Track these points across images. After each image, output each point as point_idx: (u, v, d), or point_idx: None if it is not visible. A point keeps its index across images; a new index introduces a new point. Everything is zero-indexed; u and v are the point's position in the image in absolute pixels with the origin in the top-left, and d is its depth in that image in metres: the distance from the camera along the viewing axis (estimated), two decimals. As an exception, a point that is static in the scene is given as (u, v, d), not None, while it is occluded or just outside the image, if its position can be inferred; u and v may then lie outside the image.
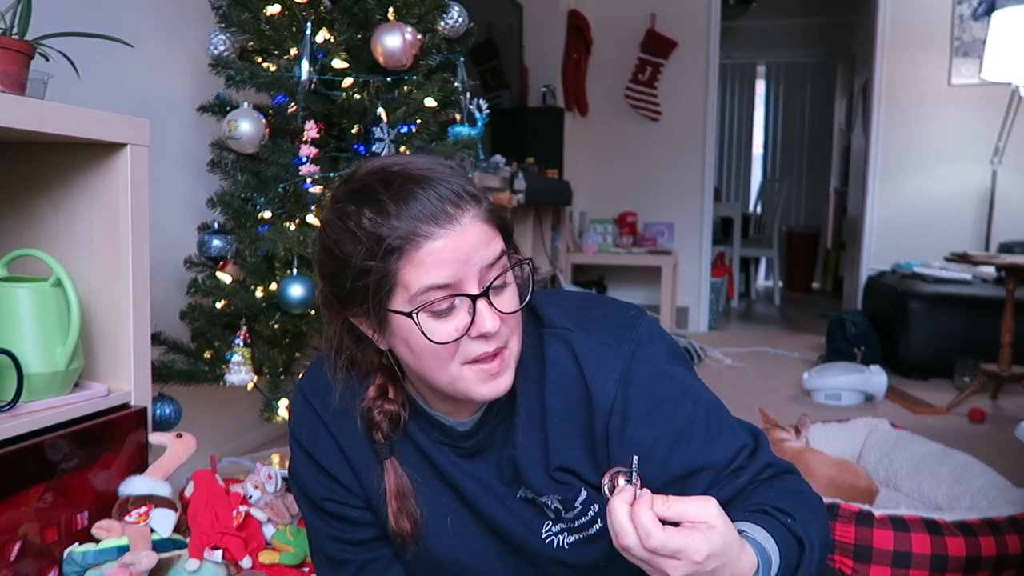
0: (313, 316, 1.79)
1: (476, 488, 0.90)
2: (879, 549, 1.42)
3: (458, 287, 0.75)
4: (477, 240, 0.75)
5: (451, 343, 0.76)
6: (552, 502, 0.88)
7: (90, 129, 1.23)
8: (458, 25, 1.89)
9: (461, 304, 0.76)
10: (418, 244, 0.73)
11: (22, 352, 1.18)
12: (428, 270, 0.73)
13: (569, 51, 4.98)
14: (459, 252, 0.74)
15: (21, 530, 1.13)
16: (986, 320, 3.43)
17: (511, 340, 0.80)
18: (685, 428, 0.83)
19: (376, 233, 0.73)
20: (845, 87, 7.57)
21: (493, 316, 0.76)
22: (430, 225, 0.73)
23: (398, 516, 0.88)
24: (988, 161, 4.35)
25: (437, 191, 0.74)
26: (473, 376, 0.79)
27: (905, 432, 2.11)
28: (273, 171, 1.78)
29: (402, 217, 0.73)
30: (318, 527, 0.95)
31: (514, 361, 0.81)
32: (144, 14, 1.98)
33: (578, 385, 0.84)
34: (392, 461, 0.89)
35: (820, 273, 7.84)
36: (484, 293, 0.76)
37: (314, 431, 0.92)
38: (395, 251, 0.73)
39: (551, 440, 0.86)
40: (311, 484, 0.93)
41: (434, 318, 0.75)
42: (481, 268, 0.75)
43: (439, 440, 0.90)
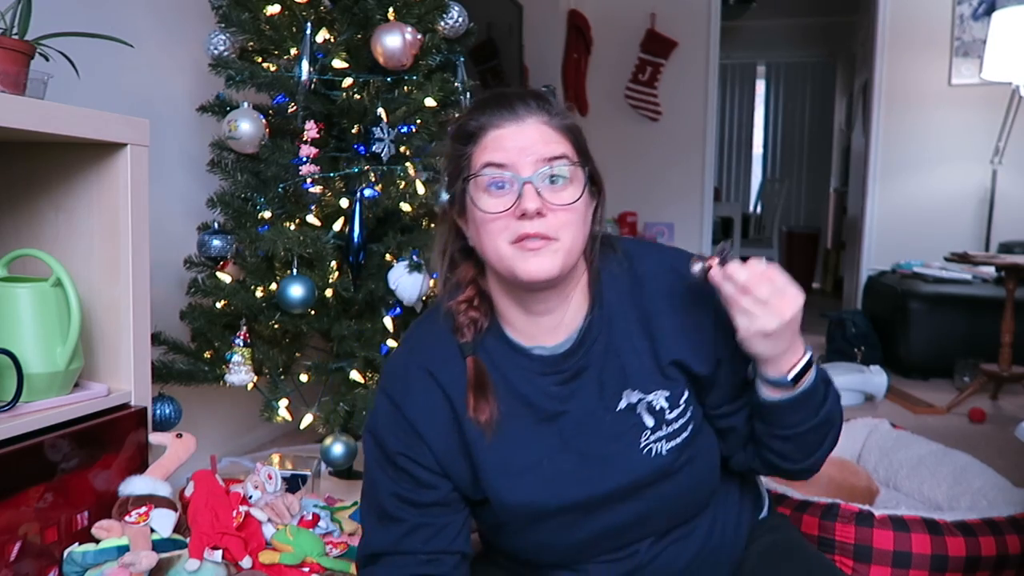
0: (313, 316, 1.79)
1: (578, 409, 0.97)
2: (879, 549, 1.42)
3: (511, 168, 0.90)
4: (535, 136, 0.91)
5: (499, 215, 0.89)
6: (658, 401, 0.96)
7: (90, 129, 1.23)
8: (458, 25, 1.89)
9: (512, 185, 0.90)
10: (487, 131, 0.92)
11: (22, 352, 1.18)
12: (490, 151, 0.91)
13: (569, 51, 4.98)
14: (517, 141, 0.91)
15: (21, 530, 1.13)
16: (986, 320, 3.43)
17: (563, 233, 0.90)
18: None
19: (463, 127, 0.95)
20: (845, 87, 7.57)
21: (535, 198, 0.88)
22: (499, 118, 0.92)
23: (476, 407, 0.95)
24: (988, 161, 4.35)
25: (518, 95, 0.94)
26: (516, 252, 0.90)
27: (905, 432, 2.11)
28: (273, 171, 1.78)
29: (483, 113, 0.93)
30: (383, 482, 1.00)
31: (565, 253, 0.91)
32: (144, 14, 1.98)
33: (680, 286, 0.97)
34: (474, 358, 0.97)
35: (820, 273, 7.83)
36: (530, 179, 0.89)
37: (410, 381, 0.99)
38: (471, 136, 0.93)
39: (659, 340, 0.97)
40: (389, 437, 0.99)
41: (488, 194, 0.91)
42: (537, 159, 0.90)
43: (539, 372, 0.97)
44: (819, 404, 0.93)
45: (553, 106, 0.94)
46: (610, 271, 0.99)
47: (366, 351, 1.78)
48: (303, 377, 1.86)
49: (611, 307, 0.98)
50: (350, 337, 1.78)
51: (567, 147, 0.92)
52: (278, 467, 1.84)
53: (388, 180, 1.82)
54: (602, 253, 1.00)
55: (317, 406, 1.86)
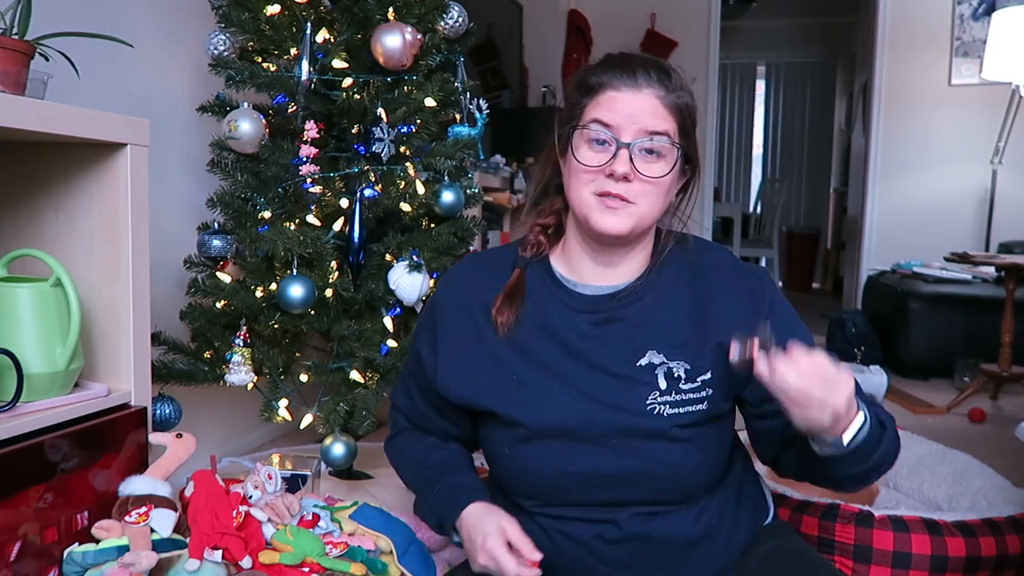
0: (313, 316, 1.79)
1: (600, 351, 1.03)
2: (879, 549, 1.42)
3: (615, 130, 0.97)
4: (646, 107, 0.97)
5: (591, 168, 0.98)
6: (678, 369, 1.02)
7: (90, 129, 1.23)
8: (458, 25, 1.88)
9: (611, 145, 0.97)
10: (604, 90, 0.98)
11: (22, 352, 1.18)
12: (601, 109, 0.98)
13: (569, 51, 4.98)
14: (628, 107, 0.97)
15: (21, 530, 1.13)
16: (986, 320, 3.43)
17: (642, 200, 0.98)
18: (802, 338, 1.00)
19: (585, 79, 1.01)
20: (845, 87, 7.57)
21: (626, 163, 0.96)
22: (619, 81, 0.98)
23: (500, 307, 1.06)
24: (988, 161, 4.35)
25: (643, 64, 0.99)
26: (597, 204, 0.99)
27: (905, 432, 2.11)
28: (273, 171, 1.78)
29: (607, 71, 0.99)
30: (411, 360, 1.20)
31: (638, 218, 0.99)
32: (144, 14, 1.98)
33: (737, 281, 1.05)
34: (521, 271, 1.09)
35: (820, 273, 7.83)
36: (628, 145, 0.96)
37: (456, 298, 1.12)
38: (589, 90, 1.00)
39: (708, 320, 1.03)
40: (424, 336, 1.16)
41: (588, 146, 0.99)
42: (640, 128, 0.97)
43: (576, 308, 1.05)
44: (872, 450, 0.95)
45: (672, 81, 0.99)
46: (677, 254, 1.07)
47: (366, 351, 1.78)
48: (303, 377, 1.86)
49: (667, 279, 1.06)
50: (350, 337, 1.78)
51: (672, 125, 0.98)
52: (278, 467, 1.84)
53: (388, 180, 1.82)
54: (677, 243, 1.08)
55: (317, 406, 1.86)
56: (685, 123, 1.00)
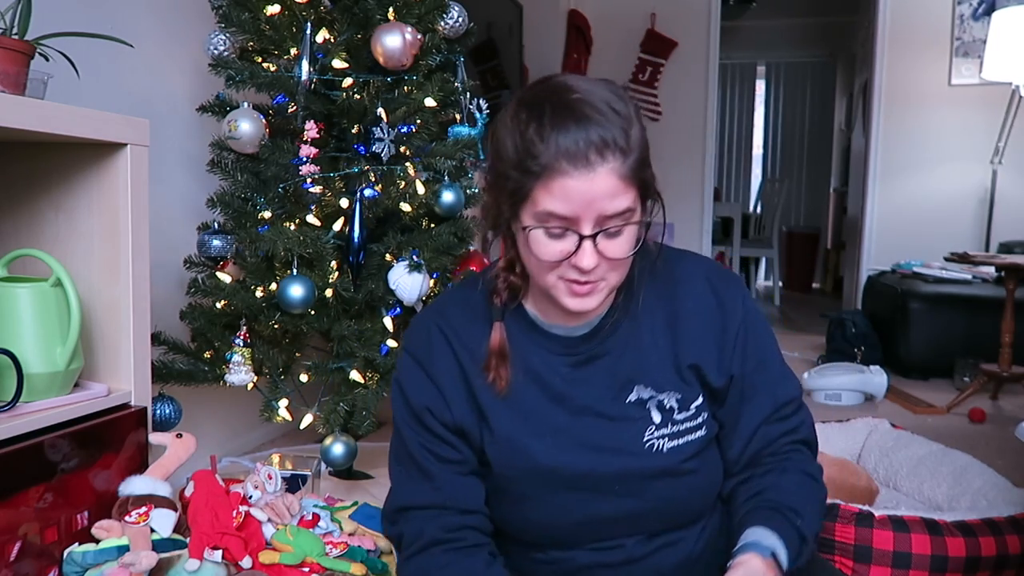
0: (313, 316, 1.79)
1: (586, 396, 0.98)
2: (879, 549, 1.42)
3: (574, 222, 0.85)
4: (605, 191, 0.84)
5: (551, 261, 0.88)
6: (669, 400, 0.97)
7: (90, 129, 1.23)
8: (458, 25, 1.89)
9: (572, 235, 0.86)
10: (554, 176, 0.83)
11: (22, 352, 1.18)
12: (555, 199, 0.84)
13: (569, 51, 4.98)
14: (585, 195, 0.84)
15: (21, 530, 1.13)
16: (986, 320, 3.43)
17: (611, 275, 0.90)
18: (770, 360, 1.01)
19: (528, 150, 0.84)
20: (845, 87, 7.57)
21: (593, 256, 0.86)
22: (569, 164, 0.83)
23: (495, 370, 0.97)
24: (988, 161, 4.35)
25: (589, 134, 0.83)
26: (565, 289, 0.90)
27: (905, 432, 2.11)
28: (273, 171, 1.78)
29: (550, 147, 0.83)
30: (411, 436, 1.01)
31: (608, 290, 0.92)
32: (144, 14, 1.98)
33: (711, 297, 0.99)
34: (501, 324, 0.99)
35: (820, 273, 7.83)
36: (592, 236, 0.86)
37: (431, 341, 1.01)
38: (535, 173, 0.84)
39: (682, 342, 0.98)
40: (414, 392, 1.01)
41: (547, 236, 0.87)
42: (600, 215, 0.85)
43: (554, 351, 0.99)
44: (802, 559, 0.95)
45: (627, 145, 0.85)
46: (647, 270, 1.00)
47: (366, 351, 1.78)
48: (303, 377, 1.86)
49: (641, 299, 0.99)
50: (350, 337, 1.78)
51: (632, 195, 0.87)
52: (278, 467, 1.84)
53: (388, 180, 1.82)
54: (644, 253, 0.98)
55: (317, 406, 1.86)
56: (645, 176, 0.89)
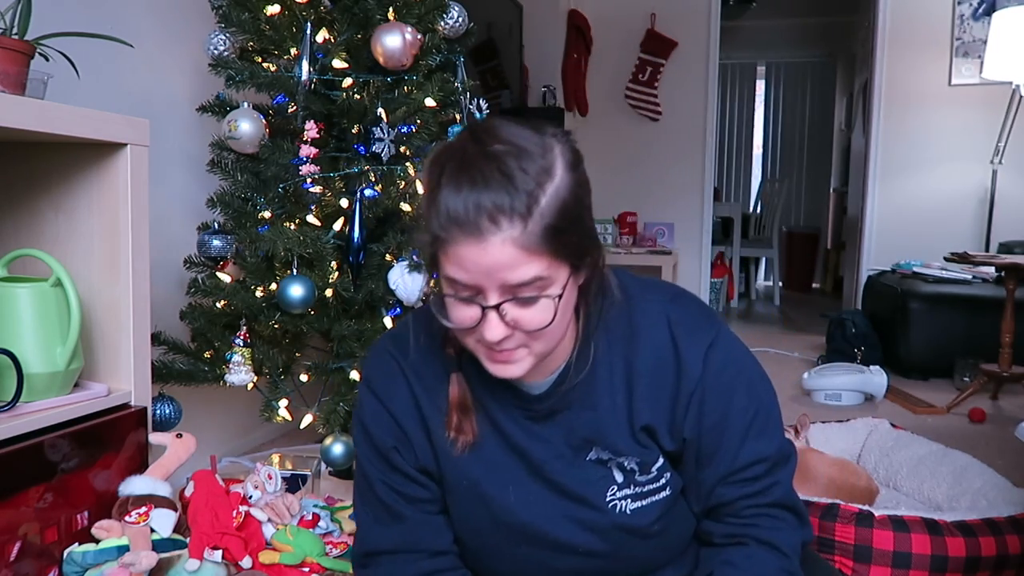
0: (313, 316, 1.79)
1: (544, 452, 0.92)
2: (879, 549, 1.42)
3: (477, 290, 0.78)
4: (500, 262, 0.75)
5: (464, 328, 0.81)
6: (630, 463, 0.91)
7: (90, 129, 1.23)
8: (458, 25, 1.89)
9: (477, 305, 0.78)
10: (448, 242, 0.76)
11: (22, 352, 1.18)
12: (454, 266, 0.77)
13: (569, 51, 4.98)
14: (480, 265, 0.75)
15: (21, 530, 1.13)
16: (986, 320, 3.43)
17: (533, 344, 0.82)
18: (734, 418, 0.90)
19: (429, 210, 0.78)
20: (845, 87, 7.57)
21: (499, 327, 0.79)
22: (459, 231, 0.75)
23: (458, 425, 0.92)
24: (988, 161, 4.35)
25: (480, 199, 0.74)
26: (484, 354, 0.83)
27: (905, 432, 2.11)
28: (273, 171, 1.78)
29: (442, 212, 0.75)
30: (376, 477, 0.96)
31: (534, 359, 0.83)
32: (144, 14, 1.98)
33: (670, 351, 0.89)
34: (459, 375, 0.92)
35: (820, 273, 7.83)
36: (496, 306, 0.78)
37: (390, 379, 0.95)
38: (433, 236, 0.77)
39: (636, 402, 0.89)
40: (378, 431, 0.95)
41: (456, 301, 0.80)
42: (502, 285, 0.77)
43: (512, 403, 0.92)
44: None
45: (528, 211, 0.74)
46: (606, 316, 0.90)
47: (366, 351, 1.78)
48: (303, 377, 1.86)
49: (598, 354, 0.90)
50: (350, 337, 1.78)
51: (543, 262, 0.76)
52: (278, 467, 1.84)
53: (388, 180, 1.82)
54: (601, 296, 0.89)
55: (317, 406, 1.86)
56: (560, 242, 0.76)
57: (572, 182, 0.78)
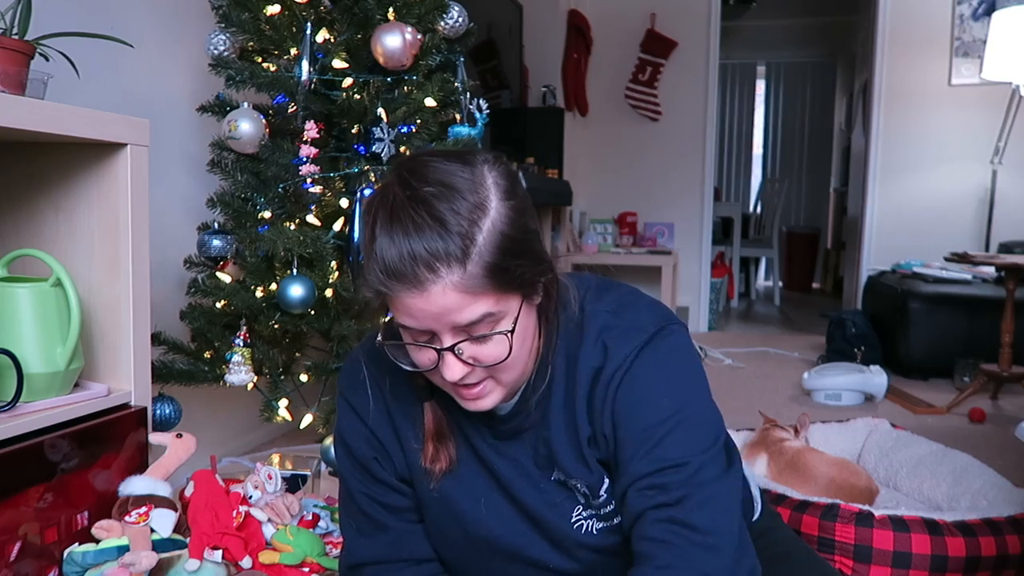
0: (313, 316, 1.79)
1: (511, 470, 0.91)
2: (879, 549, 1.42)
3: (431, 334, 0.78)
4: (447, 306, 0.74)
5: (426, 371, 0.81)
6: (581, 486, 0.89)
7: (90, 129, 1.23)
8: (458, 25, 1.89)
9: (431, 348, 0.78)
10: (390, 294, 0.75)
11: (22, 352, 1.18)
12: (402, 315, 0.77)
13: (569, 51, 4.98)
14: (427, 312, 0.75)
15: (21, 530, 1.13)
16: (986, 320, 3.43)
17: (500, 375, 0.82)
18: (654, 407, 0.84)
19: (369, 260, 0.76)
20: (845, 87, 7.57)
21: (458, 367, 0.78)
22: (398, 283, 0.74)
23: (434, 456, 0.91)
24: (988, 161, 4.35)
25: (413, 247, 0.72)
26: (454, 392, 0.83)
27: (905, 432, 2.11)
28: (273, 171, 1.78)
29: (378, 265, 0.74)
30: (358, 489, 0.97)
31: (503, 389, 0.83)
32: (144, 14, 1.98)
33: (599, 356, 0.86)
34: (432, 403, 0.92)
35: (820, 273, 7.83)
36: (452, 347, 0.77)
37: (366, 392, 0.94)
38: (376, 291, 0.77)
39: (578, 414, 0.87)
40: (357, 443, 0.95)
41: (415, 347, 0.80)
42: (453, 327, 0.76)
43: (481, 422, 0.92)
44: None
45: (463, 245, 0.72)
46: (564, 332, 0.87)
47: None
48: (303, 377, 1.86)
49: (555, 372, 0.88)
50: (350, 337, 1.78)
51: (490, 300, 0.75)
52: (278, 467, 1.84)
53: (388, 180, 1.82)
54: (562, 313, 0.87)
55: (317, 406, 1.86)
56: (505, 278, 0.75)
57: (509, 211, 0.76)
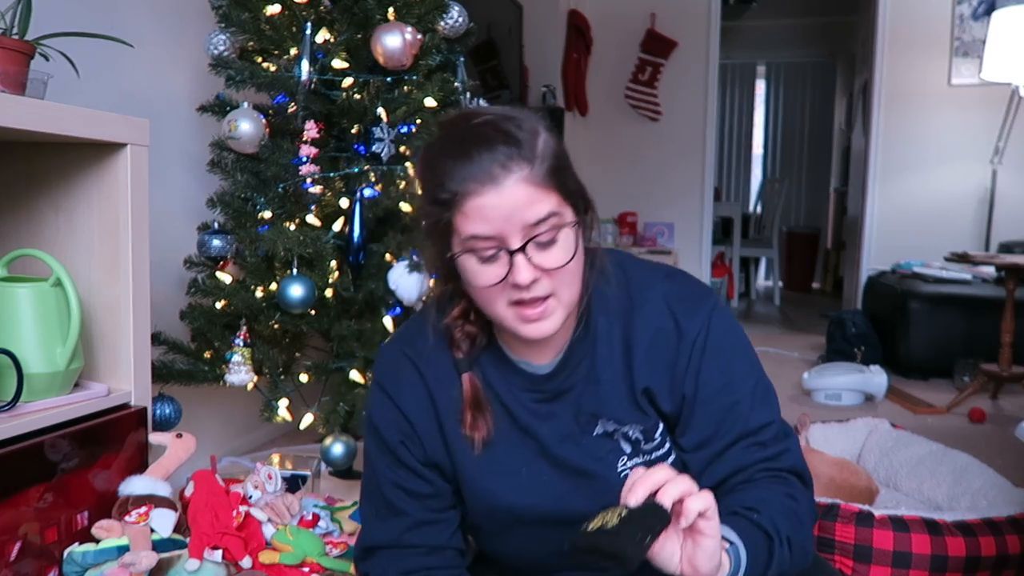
0: (313, 316, 1.79)
1: (553, 432, 0.95)
2: (879, 549, 1.42)
3: (500, 240, 0.83)
4: (519, 201, 0.82)
5: (491, 286, 0.85)
6: (633, 432, 0.95)
7: (90, 129, 1.23)
8: (458, 25, 1.89)
9: (502, 254, 0.84)
10: (465, 199, 0.82)
11: (22, 352, 1.18)
12: (473, 222, 0.83)
13: (569, 51, 4.98)
14: (500, 210, 0.82)
15: (21, 530, 1.13)
16: (986, 320, 3.43)
17: (560, 291, 0.87)
18: (739, 382, 0.94)
19: (438, 182, 0.84)
20: (845, 87, 7.57)
21: (528, 269, 0.84)
22: (476, 184, 0.81)
23: (473, 423, 0.95)
24: (988, 161, 4.35)
25: (493, 153, 0.82)
26: (515, 316, 0.87)
27: (905, 432, 2.11)
28: (273, 171, 1.78)
29: (456, 175, 0.82)
30: (383, 472, 1.00)
31: (563, 309, 0.88)
32: (144, 14, 1.98)
33: (668, 321, 0.93)
34: (470, 375, 0.96)
35: (820, 273, 7.83)
36: (521, 248, 0.83)
37: (400, 374, 0.99)
38: (447, 202, 0.83)
39: (636, 368, 0.93)
40: (387, 427, 0.99)
41: (480, 263, 0.85)
42: (524, 227, 0.83)
43: (521, 387, 0.96)
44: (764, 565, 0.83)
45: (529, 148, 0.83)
46: (603, 292, 0.95)
47: (366, 351, 1.78)
48: (303, 377, 1.86)
49: (598, 330, 0.94)
50: (350, 337, 1.78)
51: (553, 199, 0.84)
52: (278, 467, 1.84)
53: (388, 180, 1.82)
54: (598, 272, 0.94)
55: (317, 406, 1.86)
56: (563, 181, 0.86)
57: (555, 140, 0.87)
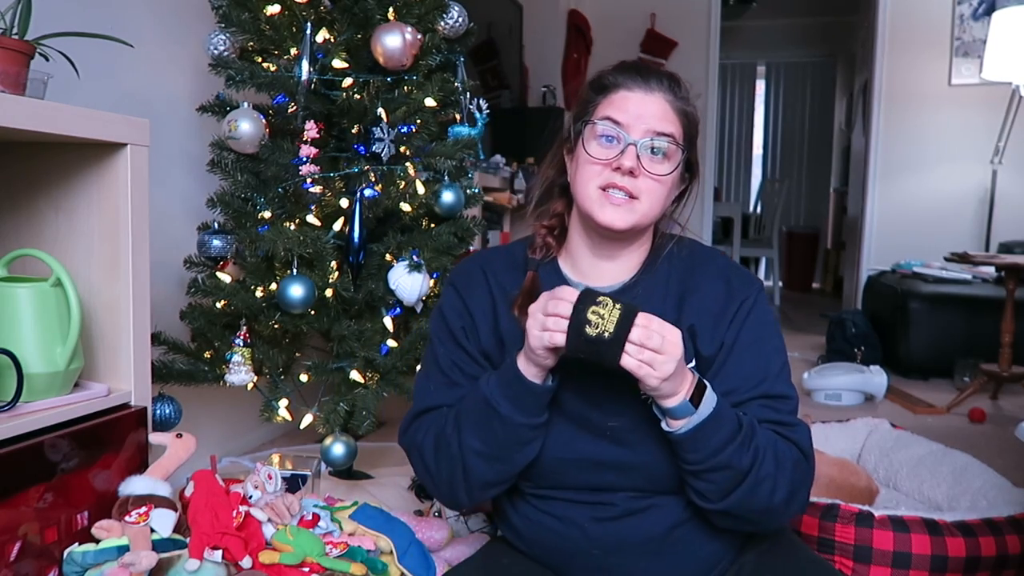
0: (313, 316, 1.79)
1: None
2: (879, 549, 1.42)
3: (624, 128, 1.03)
4: (655, 109, 1.03)
5: (599, 161, 1.03)
6: None
7: (90, 129, 1.23)
8: (458, 25, 1.89)
9: (620, 142, 1.03)
10: (617, 89, 1.06)
11: (22, 352, 1.18)
12: (613, 108, 1.05)
13: (569, 51, 4.98)
14: (638, 108, 1.03)
15: (21, 530, 1.13)
16: (986, 320, 3.43)
17: (644, 196, 1.03)
18: (771, 355, 1.07)
19: (602, 77, 1.08)
20: (845, 87, 7.57)
21: (633, 159, 1.02)
22: (632, 82, 1.05)
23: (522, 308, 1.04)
24: (988, 161, 4.35)
25: (657, 76, 1.06)
26: (599, 198, 1.03)
27: (905, 432, 2.11)
28: (273, 171, 1.78)
29: (622, 73, 1.06)
30: (443, 354, 1.14)
31: (640, 214, 1.04)
32: (144, 14, 1.98)
33: (722, 283, 1.09)
34: (534, 272, 1.11)
35: (820, 273, 7.83)
36: (636, 143, 1.02)
37: (471, 278, 1.15)
38: (603, 88, 1.07)
39: (684, 310, 1.07)
40: (453, 316, 1.14)
41: (597, 141, 1.04)
42: (648, 129, 1.03)
43: None
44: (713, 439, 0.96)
45: (682, 90, 1.06)
46: (673, 253, 1.11)
47: (366, 351, 1.78)
48: (303, 377, 1.86)
49: (659, 275, 1.10)
50: (350, 337, 1.78)
51: (678, 128, 1.04)
52: (278, 467, 1.84)
53: (388, 180, 1.82)
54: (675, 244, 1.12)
55: (317, 406, 1.86)
56: (690, 129, 1.06)
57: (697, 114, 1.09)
